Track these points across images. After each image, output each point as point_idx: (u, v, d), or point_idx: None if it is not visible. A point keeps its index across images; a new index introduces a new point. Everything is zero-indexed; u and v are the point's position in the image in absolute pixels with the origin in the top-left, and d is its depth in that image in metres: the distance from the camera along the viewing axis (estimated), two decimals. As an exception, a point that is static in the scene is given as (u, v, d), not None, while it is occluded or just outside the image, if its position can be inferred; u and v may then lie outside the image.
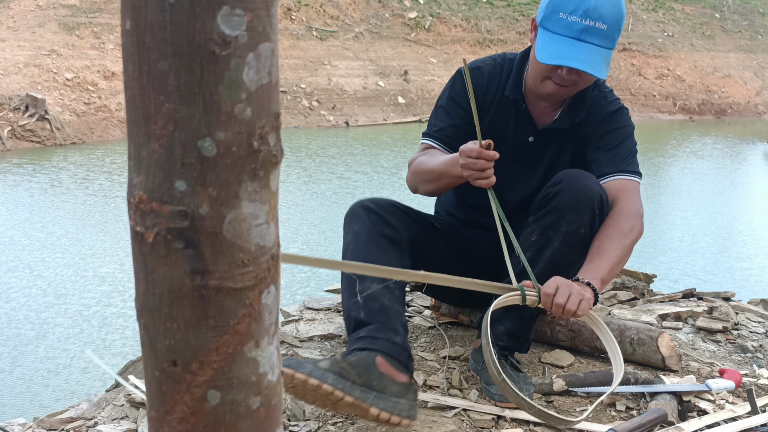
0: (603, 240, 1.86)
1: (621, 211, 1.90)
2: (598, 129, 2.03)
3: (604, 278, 1.81)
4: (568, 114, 2.04)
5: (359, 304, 1.79)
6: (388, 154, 13.60)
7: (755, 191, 12.03)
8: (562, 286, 1.72)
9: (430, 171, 1.99)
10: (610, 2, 1.83)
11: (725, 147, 16.30)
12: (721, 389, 1.93)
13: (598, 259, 1.82)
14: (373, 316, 1.76)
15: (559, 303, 1.70)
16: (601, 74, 1.85)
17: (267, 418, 0.71)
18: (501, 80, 2.07)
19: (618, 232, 1.86)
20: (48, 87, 14.39)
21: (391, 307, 1.79)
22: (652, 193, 10.60)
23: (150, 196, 0.64)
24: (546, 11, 1.87)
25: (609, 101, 2.06)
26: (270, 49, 0.65)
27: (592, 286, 1.77)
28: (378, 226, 1.90)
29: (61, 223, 8.21)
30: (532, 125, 2.07)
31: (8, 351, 5.02)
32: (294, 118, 16.84)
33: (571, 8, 1.82)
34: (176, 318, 0.65)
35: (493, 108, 2.07)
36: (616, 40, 1.88)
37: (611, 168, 1.98)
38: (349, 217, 1.96)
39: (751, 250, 8.06)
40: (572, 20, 1.82)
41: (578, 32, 1.82)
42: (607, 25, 1.83)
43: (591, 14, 1.81)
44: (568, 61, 1.83)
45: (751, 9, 26.66)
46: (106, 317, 5.59)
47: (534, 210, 1.93)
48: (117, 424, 1.87)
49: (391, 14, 21.30)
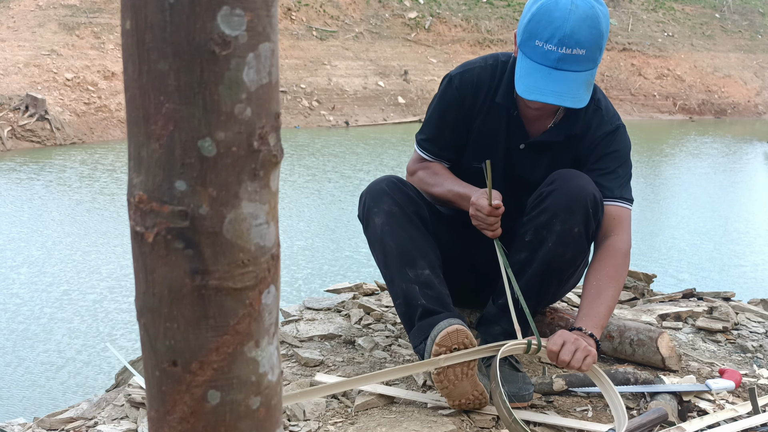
0: (601, 281, 1.85)
1: (616, 246, 1.91)
2: (595, 150, 1.98)
3: (603, 325, 1.83)
4: (562, 126, 1.99)
5: (417, 291, 1.86)
6: (391, 153, 13.60)
7: (755, 191, 12.03)
8: (568, 342, 1.71)
9: (437, 196, 2.04)
10: (588, 24, 1.76)
11: (725, 147, 16.30)
12: (721, 389, 1.93)
13: (598, 304, 1.82)
14: (435, 303, 1.86)
15: (564, 360, 1.70)
16: (579, 104, 1.80)
17: (267, 418, 0.71)
18: (492, 84, 2.01)
19: (615, 271, 1.87)
20: (48, 87, 14.39)
21: (444, 293, 1.90)
22: (652, 193, 10.60)
23: (150, 196, 0.64)
24: (523, 36, 1.82)
25: (606, 118, 2.01)
26: (270, 49, 0.65)
27: (594, 337, 1.77)
28: (408, 204, 1.94)
29: (61, 223, 8.21)
30: (524, 133, 2.02)
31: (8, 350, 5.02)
32: (294, 118, 16.84)
33: (547, 36, 1.76)
34: (176, 318, 0.65)
35: (483, 113, 2.02)
36: (599, 58, 1.83)
37: (606, 193, 1.94)
38: (374, 196, 1.95)
39: (751, 250, 8.07)
40: (548, 49, 1.76)
41: (555, 61, 1.76)
42: (586, 50, 1.76)
43: (567, 42, 1.74)
44: (545, 96, 1.78)
45: (751, 9, 26.66)
46: (106, 317, 5.59)
47: (528, 210, 1.93)
48: (117, 424, 1.87)
49: (391, 14, 21.30)
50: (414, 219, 1.91)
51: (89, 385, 4.55)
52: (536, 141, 2.01)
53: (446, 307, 1.85)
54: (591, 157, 1.99)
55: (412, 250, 1.87)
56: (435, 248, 1.93)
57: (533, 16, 1.79)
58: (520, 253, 1.89)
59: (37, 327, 5.40)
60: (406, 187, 1.97)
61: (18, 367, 4.80)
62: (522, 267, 1.88)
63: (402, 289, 1.87)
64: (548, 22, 1.75)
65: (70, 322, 5.49)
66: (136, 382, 2.06)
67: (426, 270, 1.86)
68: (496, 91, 2.00)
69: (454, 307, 2.36)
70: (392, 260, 1.89)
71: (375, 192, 1.95)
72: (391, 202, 1.91)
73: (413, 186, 2.02)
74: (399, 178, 2.00)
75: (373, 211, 1.93)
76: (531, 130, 2.02)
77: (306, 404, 1.84)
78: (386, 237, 1.90)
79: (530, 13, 1.80)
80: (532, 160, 2.04)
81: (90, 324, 5.47)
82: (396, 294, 1.91)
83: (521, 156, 2.04)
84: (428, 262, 1.88)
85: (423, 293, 1.85)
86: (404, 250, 1.88)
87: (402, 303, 1.89)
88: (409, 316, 1.88)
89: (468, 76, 2.02)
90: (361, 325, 2.42)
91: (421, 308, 1.84)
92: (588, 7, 1.77)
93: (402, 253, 1.87)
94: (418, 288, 1.85)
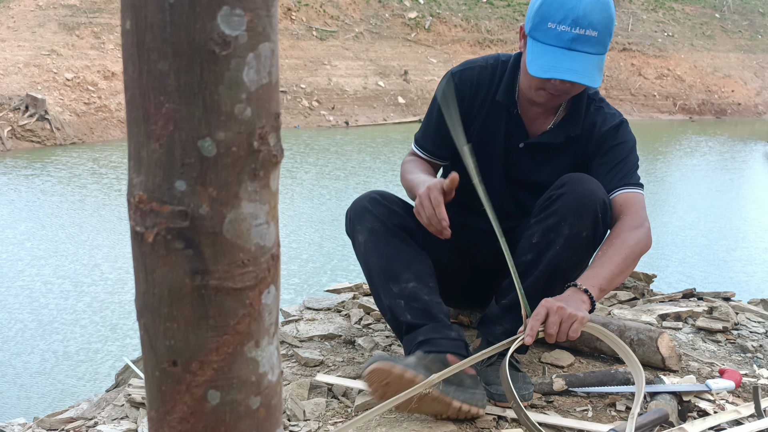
0: (607, 250, 1.82)
1: (626, 224, 1.87)
2: (603, 144, 1.99)
3: (603, 287, 1.76)
4: (562, 127, 1.99)
5: (402, 305, 1.85)
6: (391, 153, 13.60)
7: (755, 191, 12.03)
8: (552, 313, 1.66)
9: (405, 185, 2.04)
10: (599, 8, 1.79)
11: (725, 147, 16.30)
12: (721, 389, 1.93)
13: (599, 267, 1.79)
14: (419, 317, 1.84)
15: (551, 334, 1.65)
16: (594, 83, 1.82)
17: (267, 418, 0.71)
18: (493, 83, 2.02)
19: (623, 243, 1.83)
20: (48, 87, 14.40)
21: (432, 302, 1.87)
22: (651, 193, 10.59)
23: (150, 196, 0.64)
24: (534, 21, 1.83)
25: (608, 115, 2.01)
26: (270, 49, 0.65)
27: (589, 293, 1.73)
28: (391, 218, 1.93)
29: (61, 223, 8.20)
30: (524, 132, 2.02)
31: (8, 350, 5.02)
32: (294, 118, 16.84)
33: (560, 17, 1.78)
34: (176, 318, 0.65)
35: (483, 112, 2.02)
36: (608, 44, 1.85)
37: (614, 183, 1.94)
38: (357, 214, 1.96)
39: (751, 250, 8.07)
40: (562, 30, 1.78)
41: (569, 42, 1.78)
42: (598, 32, 1.79)
43: (581, 22, 1.77)
44: (561, 73, 1.79)
45: (751, 9, 26.66)
46: (106, 317, 5.59)
47: (536, 212, 1.92)
48: (117, 424, 1.87)
49: (391, 14, 21.30)
50: (398, 232, 1.91)
51: (89, 385, 4.55)
52: (537, 142, 2.01)
53: (432, 318, 1.84)
54: (599, 152, 1.99)
55: (395, 265, 1.88)
56: (423, 258, 1.93)
57: (544, 0, 1.81)
58: (527, 254, 1.88)
59: (37, 327, 5.40)
60: (389, 201, 1.96)
61: (18, 368, 4.80)
62: (527, 268, 1.88)
63: (387, 305, 1.89)
64: (561, 4, 1.78)
65: (70, 323, 5.49)
66: (137, 382, 2.06)
67: (411, 282, 1.86)
68: (497, 90, 2.00)
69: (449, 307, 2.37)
70: (376, 277, 1.90)
71: (357, 209, 1.96)
72: (373, 219, 1.92)
73: (398, 199, 2.01)
74: (381, 192, 1.99)
75: (357, 229, 1.95)
76: (531, 130, 2.02)
77: (306, 404, 1.84)
78: (369, 254, 1.91)
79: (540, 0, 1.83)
80: (531, 160, 2.04)
81: (90, 324, 5.47)
82: (384, 310, 1.93)
83: (520, 155, 2.04)
84: (414, 273, 1.87)
85: (408, 307, 1.85)
86: (387, 266, 1.88)
87: (390, 318, 1.92)
88: (398, 330, 1.91)
89: (468, 75, 2.02)
90: (361, 325, 2.42)
91: (405, 324, 1.86)
92: None
93: (385, 270, 1.88)
94: (403, 302, 1.85)
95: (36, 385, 4.59)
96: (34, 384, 4.60)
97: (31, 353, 5.00)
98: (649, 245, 1.90)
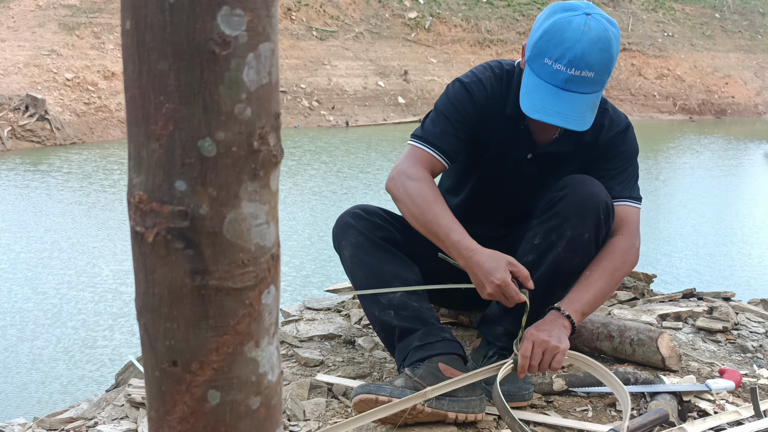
0: (594, 271, 1.86)
1: (618, 244, 1.90)
2: (609, 150, 1.98)
3: (585, 311, 1.82)
4: (571, 135, 1.96)
5: (392, 315, 1.86)
6: (391, 153, 13.60)
7: (755, 191, 12.03)
8: (536, 347, 1.72)
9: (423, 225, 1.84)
10: (599, 47, 1.73)
11: (725, 147, 16.31)
12: (721, 389, 1.93)
13: (584, 291, 1.83)
14: (411, 322, 1.85)
15: (534, 366, 1.73)
16: (583, 126, 1.79)
17: (267, 418, 0.71)
18: (501, 96, 1.97)
19: (610, 265, 1.87)
20: (48, 87, 14.40)
21: (421, 308, 1.87)
22: (651, 193, 10.60)
23: (150, 196, 0.64)
24: (533, 51, 1.79)
25: (615, 118, 2.00)
26: (270, 49, 0.65)
27: (571, 319, 1.78)
28: (374, 230, 1.93)
29: (61, 223, 8.21)
30: (532, 142, 1.99)
31: (8, 350, 5.02)
32: (294, 118, 16.85)
33: (557, 55, 1.73)
34: (176, 318, 0.65)
35: (493, 125, 1.98)
36: (606, 81, 1.81)
37: (616, 193, 1.94)
38: (341, 229, 1.97)
39: (751, 250, 8.07)
40: (557, 68, 1.74)
41: (563, 82, 1.74)
42: (595, 72, 1.74)
43: (577, 63, 1.72)
44: (550, 116, 1.76)
45: (751, 9, 26.67)
46: (106, 317, 5.59)
47: (538, 214, 1.92)
48: (117, 424, 1.87)
49: (391, 14, 21.30)
50: (382, 244, 1.91)
51: (89, 385, 4.55)
52: (545, 153, 2.00)
53: (424, 323, 1.85)
54: (605, 156, 1.98)
55: (382, 276, 1.88)
56: (409, 265, 1.92)
57: (545, 33, 1.76)
58: (528, 255, 1.88)
59: (36, 327, 5.40)
60: (371, 214, 1.96)
61: (18, 368, 4.80)
62: (529, 269, 1.87)
63: (376, 317, 1.90)
64: (559, 41, 1.73)
65: (70, 323, 5.49)
66: (137, 382, 2.06)
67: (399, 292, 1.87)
68: (506, 102, 1.96)
69: (449, 308, 2.38)
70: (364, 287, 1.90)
71: (341, 225, 1.97)
72: (356, 233, 1.92)
73: (381, 211, 1.99)
74: (363, 207, 1.99)
75: (342, 244, 1.96)
76: (539, 139, 1.99)
77: (306, 404, 1.84)
78: (355, 268, 1.92)
79: (542, 29, 1.77)
80: (539, 169, 2.03)
81: (90, 324, 5.47)
82: (373, 322, 1.94)
83: (529, 166, 2.02)
84: (402, 282, 1.88)
85: (398, 315, 1.86)
86: (374, 279, 1.89)
87: (380, 330, 1.92)
88: (390, 341, 1.91)
89: (480, 87, 1.96)
90: (361, 325, 2.42)
91: (398, 330, 1.86)
92: (601, 29, 1.74)
93: (372, 283, 1.88)
94: (393, 312, 1.86)
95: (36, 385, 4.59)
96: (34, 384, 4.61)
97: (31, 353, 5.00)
98: (635, 263, 1.95)
